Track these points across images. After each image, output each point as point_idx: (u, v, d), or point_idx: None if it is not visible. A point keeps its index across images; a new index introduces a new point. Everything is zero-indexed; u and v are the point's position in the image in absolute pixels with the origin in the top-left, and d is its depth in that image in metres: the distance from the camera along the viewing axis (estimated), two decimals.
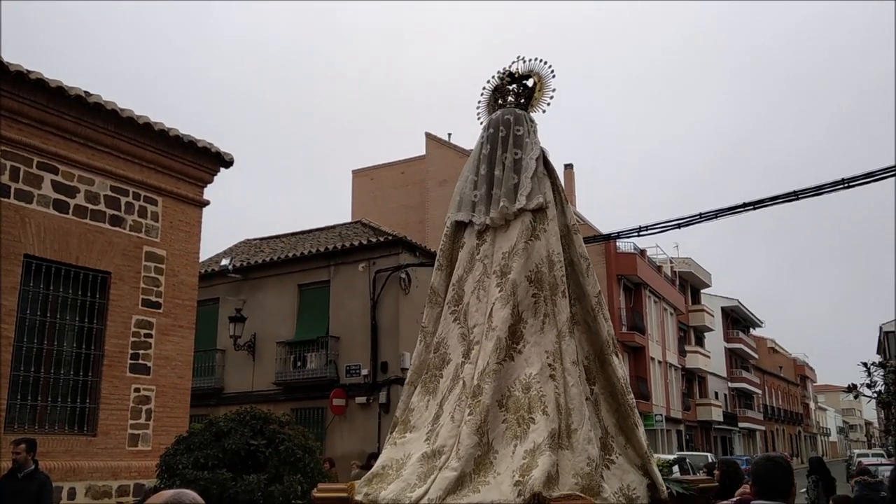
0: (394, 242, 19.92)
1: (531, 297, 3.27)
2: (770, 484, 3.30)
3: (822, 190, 13.76)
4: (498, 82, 3.83)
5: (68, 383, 10.12)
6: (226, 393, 20.24)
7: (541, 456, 2.90)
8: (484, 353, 3.19)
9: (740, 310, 60.88)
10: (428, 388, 3.39)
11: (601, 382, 3.34)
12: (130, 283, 10.87)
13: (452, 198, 3.73)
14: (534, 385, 3.11)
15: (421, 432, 3.27)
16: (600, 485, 2.88)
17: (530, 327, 3.24)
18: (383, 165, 38.17)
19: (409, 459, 3.17)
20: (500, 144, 3.54)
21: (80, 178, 10.34)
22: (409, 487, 3.00)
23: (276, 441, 5.72)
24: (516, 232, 3.40)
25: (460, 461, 2.98)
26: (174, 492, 2.46)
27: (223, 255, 23.61)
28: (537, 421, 3.02)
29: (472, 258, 3.52)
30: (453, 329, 3.43)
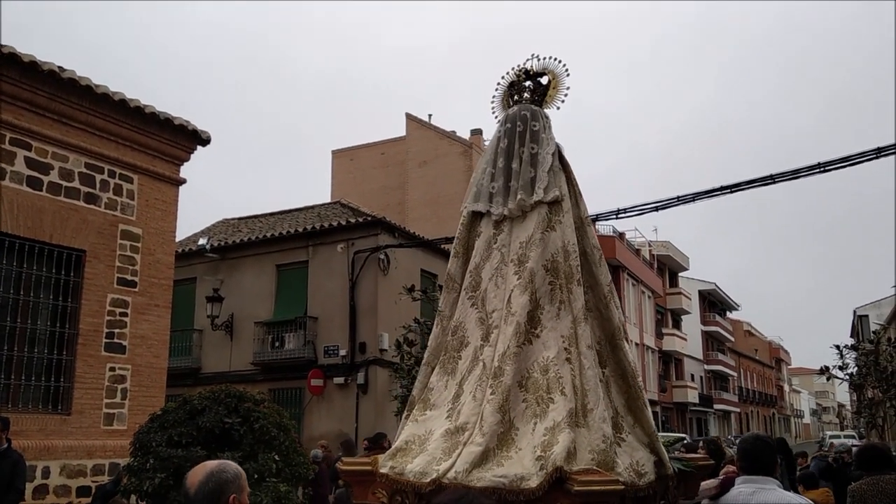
0: (373, 223, 19.88)
1: (548, 284, 3.45)
2: (756, 460, 3.53)
3: (798, 174, 13.88)
4: (513, 78, 4.00)
5: (42, 362, 10.04)
6: (203, 373, 20.16)
7: (560, 433, 3.06)
8: (504, 336, 3.37)
9: (717, 293, 61.45)
10: (447, 369, 3.58)
11: (611, 366, 3.53)
12: (105, 261, 10.77)
13: (468, 188, 3.94)
14: (551, 367, 3.29)
15: (441, 410, 3.46)
16: (614, 460, 3.07)
17: (547, 313, 3.43)
18: (363, 146, 38.01)
19: (431, 435, 3.34)
20: (518, 139, 3.72)
21: (54, 154, 10.21)
22: (434, 461, 3.15)
23: (251, 419, 5.71)
24: (533, 223, 3.57)
25: (485, 437, 3.13)
26: (218, 462, 2.64)
27: (201, 234, 23.45)
28: (556, 401, 3.20)
29: (489, 247, 3.69)
30: (471, 313, 3.61)
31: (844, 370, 26.90)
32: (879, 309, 45.99)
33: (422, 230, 24.74)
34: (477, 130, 38.31)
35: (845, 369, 26.85)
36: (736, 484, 3.61)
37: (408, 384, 14.91)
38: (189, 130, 11.95)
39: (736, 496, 3.53)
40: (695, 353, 54.54)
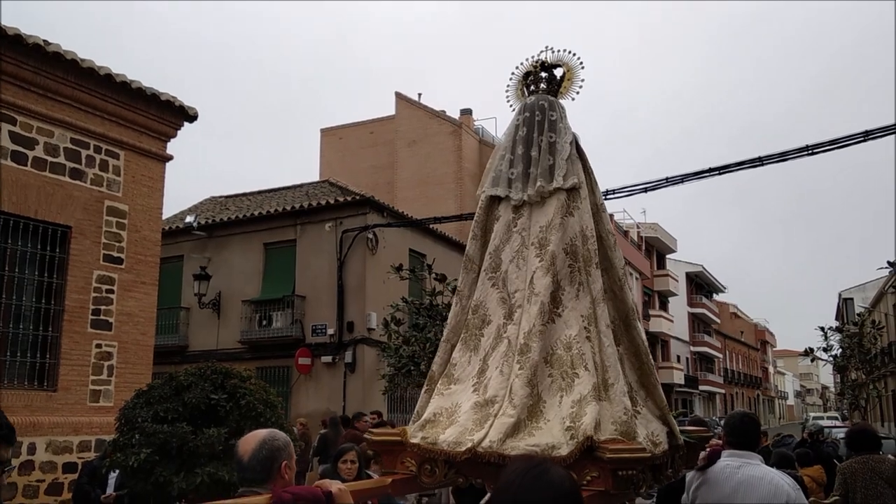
0: (361, 202, 19.82)
1: (567, 267, 3.60)
2: (743, 436, 3.86)
3: (786, 156, 13.92)
4: (528, 69, 4.14)
5: (28, 338, 10.00)
6: (190, 351, 20.14)
7: (587, 405, 3.21)
8: (528, 316, 3.50)
9: (704, 275, 61.76)
10: (469, 346, 3.72)
11: (625, 344, 3.70)
12: (91, 237, 10.70)
13: (485, 174, 4.07)
14: (574, 345, 3.45)
15: (466, 384, 3.59)
16: (635, 431, 3.21)
17: (567, 294, 3.57)
18: (352, 125, 37.82)
19: (459, 408, 3.48)
20: (537, 128, 3.85)
21: (38, 129, 10.11)
22: (467, 431, 3.29)
23: (237, 395, 5.70)
24: (552, 208, 3.69)
25: (516, 409, 3.27)
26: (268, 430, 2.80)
27: (188, 212, 23.33)
28: (581, 376, 3.35)
29: (508, 230, 3.82)
30: (492, 293, 3.75)
31: (829, 352, 27.20)
32: (864, 292, 46.39)
33: (411, 210, 24.71)
34: (467, 110, 38.18)
35: (829, 351, 27.15)
36: (722, 457, 3.82)
37: (395, 363, 14.95)
38: (176, 106, 11.85)
39: (723, 469, 3.76)
40: (681, 334, 54.89)
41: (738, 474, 3.71)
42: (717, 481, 3.76)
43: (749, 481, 3.67)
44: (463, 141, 34.78)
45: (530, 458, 2.32)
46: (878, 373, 33.75)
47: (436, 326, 15.07)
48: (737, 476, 3.71)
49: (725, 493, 3.70)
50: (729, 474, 3.74)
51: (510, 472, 1.95)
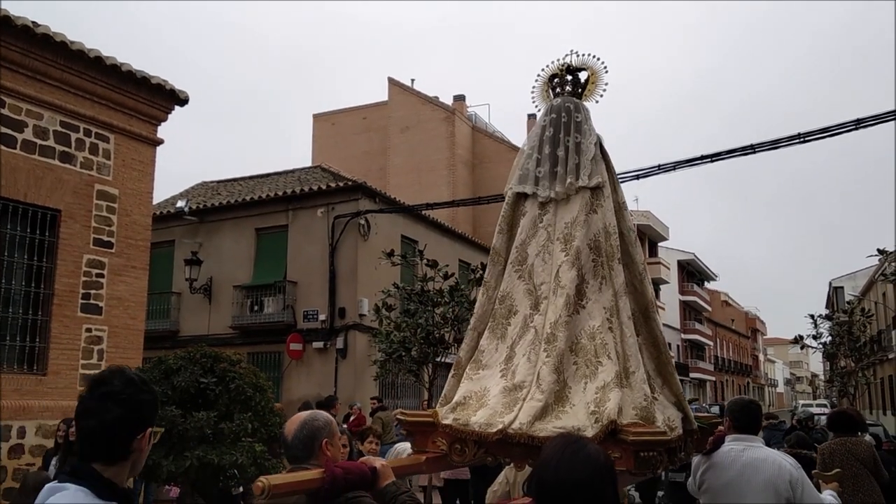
0: (353, 188, 19.77)
1: (591, 261, 3.80)
2: (746, 421, 4.15)
3: (778, 144, 13.94)
4: (553, 71, 4.31)
5: (17, 322, 9.96)
6: (181, 336, 20.10)
7: (611, 392, 3.42)
8: (555, 307, 3.71)
9: (696, 263, 61.95)
10: (496, 334, 3.91)
11: (644, 334, 3.88)
12: (81, 221, 10.65)
13: (512, 171, 4.27)
14: (597, 335, 3.65)
15: (494, 370, 3.80)
16: (654, 416, 3.41)
17: (591, 287, 3.77)
18: (345, 110, 37.69)
19: (488, 392, 3.70)
20: (563, 129, 4.01)
21: (28, 112, 10.03)
22: (497, 414, 3.49)
23: (227, 379, 5.70)
24: (577, 206, 3.91)
25: (543, 394, 3.48)
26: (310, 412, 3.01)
27: (179, 196, 23.23)
28: (604, 364, 3.55)
29: (534, 225, 4.01)
30: (518, 285, 3.94)
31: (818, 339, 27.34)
32: (855, 281, 46.61)
33: (403, 196, 24.66)
34: (460, 96, 38.10)
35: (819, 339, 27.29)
36: (726, 441, 4.10)
37: (386, 348, 14.96)
38: (167, 90, 11.77)
39: (727, 452, 4.03)
40: (672, 322, 55.09)
41: (743, 457, 3.96)
42: (723, 464, 4.00)
43: (754, 463, 3.92)
44: (456, 127, 34.70)
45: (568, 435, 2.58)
46: (867, 361, 33.97)
47: (427, 312, 15.08)
48: (742, 459, 3.96)
49: (731, 475, 3.95)
50: (734, 457, 3.98)
51: (550, 449, 2.24)
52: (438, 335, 15.12)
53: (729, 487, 3.96)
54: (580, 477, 2.10)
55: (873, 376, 37.21)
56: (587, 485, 2.10)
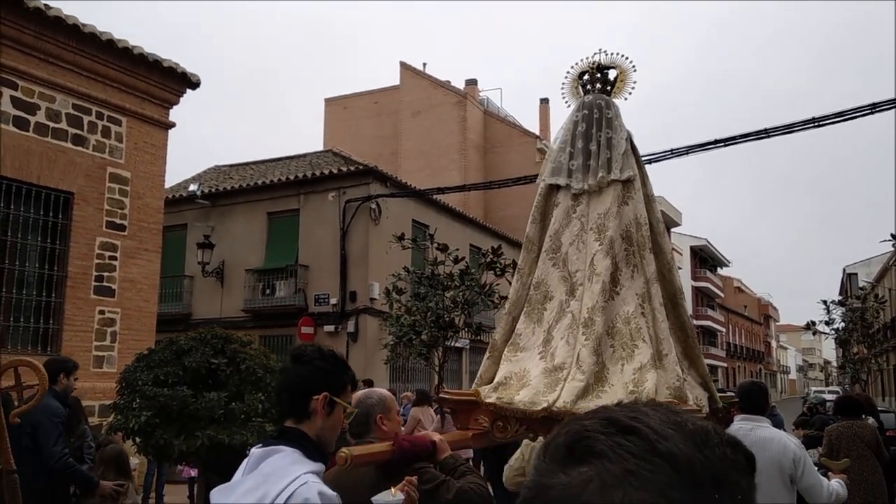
0: (365, 172, 19.77)
1: (624, 251, 4.03)
2: (753, 401, 4.44)
3: (792, 128, 13.85)
4: (583, 69, 4.51)
5: (31, 303, 10.06)
6: (194, 319, 20.20)
7: (647, 373, 3.66)
8: (591, 293, 3.93)
9: (709, 249, 61.67)
10: (532, 318, 4.12)
11: (672, 320, 4.08)
12: (94, 204, 10.72)
13: (545, 164, 4.46)
14: (632, 320, 3.89)
15: (532, 353, 4.00)
16: (686, 395, 3.66)
17: (624, 275, 4.00)
18: (356, 94, 37.61)
19: (528, 374, 3.90)
20: (595, 124, 4.25)
21: (40, 94, 10.08)
22: (540, 393, 3.71)
23: (237, 360, 5.73)
24: (610, 198, 4.12)
25: (584, 374, 3.69)
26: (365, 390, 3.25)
27: (191, 180, 23.31)
28: (640, 347, 3.78)
29: (567, 216, 4.21)
30: (553, 272, 4.15)
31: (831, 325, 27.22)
32: (869, 267, 46.29)
33: (414, 180, 24.65)
34: (472, 80, 37.95)
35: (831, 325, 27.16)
36: (735, 421, 4.34)
37: (396, 331, 15.01)
38: (178, 73, 11.80)
39: (736, 431, 4.18)
40: None
41: (751, 436, 4.19)
42: None
43: (761, 442, 4.15)
44: (468, 111, 34.60)
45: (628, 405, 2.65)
46: (880, 347, 33.80)
47: (437, 296, 15.10)
48: (749, 437, 4.16)
49: None
50: (742, 436, 4.06)
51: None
52: (448, 319, 15.16)
53: None
54: None
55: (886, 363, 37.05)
56: None
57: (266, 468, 2.11)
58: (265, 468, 2.11)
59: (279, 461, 2.12)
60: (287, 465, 2.10)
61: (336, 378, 2.30)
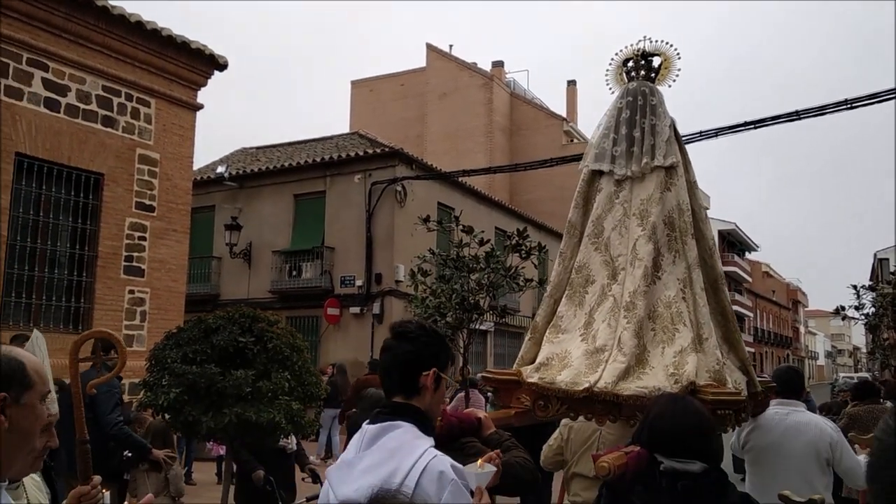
0: (390, 154, 19.79)
1: (666, 236, 4.09)
2: (789, 386, 4.49)
3: (824, 110, 13.62)
4: (627, 56, 4.56)
5: (63, 283, 10.23)
6: (222, 299, 20.43)
7: (688, 356, 3.71)
8: (633, 278, 3.99)
9: (737, 233, 61.06)
10: (574, 301, 4.20)
11: (712, 305, 4.15)
12: (124, 185, 10.85)
13: (588, 150, 4.51)
14: (673, 304, 3.95)
15: (573, 335, 4.08)
16: (725, 378, 3.69)
17: (666, 260, 4.06)
18: (382, 76, 37.60)
19: (570, 355, 3.97)
20: (639, 111, 4.32)
21: (71, 76, 10.19)
22: (581, 374, 3.77)
23: (265, 339, 5.78)
24: (652, 184, 4.18)
25: (626, 356, 3.75)
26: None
27: (219, 162, 23.49)
28: (680, 330, 3.84)
29: (610, 201, 4.27)
30: (595, 256, 4.22)
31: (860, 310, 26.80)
32: None
33: (440, 163, 24.63)
34: (498, 62, 37.77)
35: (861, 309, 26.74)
36: (771, 405, 4.39)
37: (421, 313, 15.05)
38: (206, 55, 11.87)
39: (772, 415, 4.34)
40: None
41: (787, 420, 4.28)
42: (768, 426, 4.31)
43: (797, 426, 4.24)
44: (494, 94, 34.45)
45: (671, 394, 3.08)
46: None
47: (462, 278, 15.12)
48: (786, 422, 4.28)
49: (776, 436, 4.25)
50: (779, 420, 4.30)
51: (662, 405, 2.72)
52: (473, 301, 15.18)
53: (773, 447, 4.23)
54: (691, 424, 2.57)
55: None
56: (697, 432, 2.56)
57: (390, 443, 2.15)
58: (388, 443, 2.15)
59: (402, 436, 2.16)
60: (411, 440, 2.15)
61: (442, 354, 2.36)
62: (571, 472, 4.70)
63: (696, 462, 2.49)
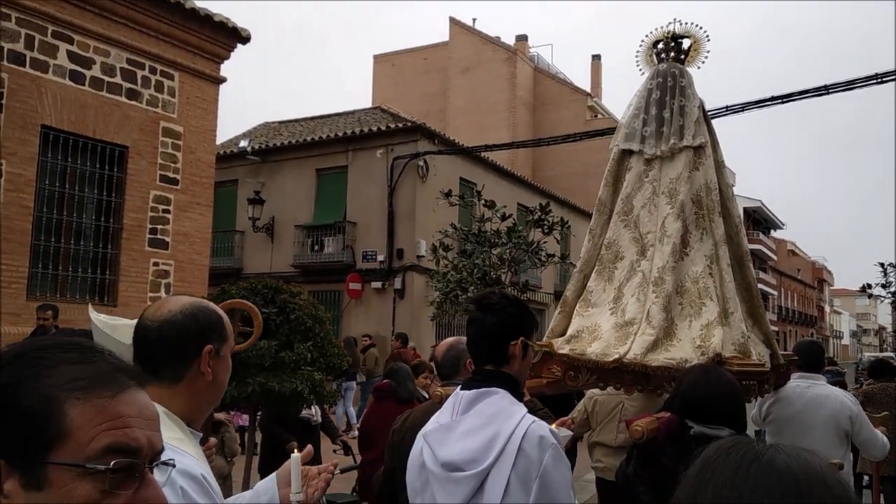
0: (412, 129, 19.73)
1: (693, 214, 4.24)
2: (811, 360, 4.60)
3: (853, 84, 13.39)
4: (657, 38, 4.68)
5: (88, 254, 10.34)
6: (245, 273, 20.57)
7: (714, 329, 3.85)
8: (661, 254, 4.15)
9: (762, 211, 60.41)
10: (603, 276, 4.36)
11: (738, 280, 4.28)
12: (148, 158, 10.91)
13: (618, 129, 4.66)
14: (700, 279, 4.10)
15: (603, 308, 4.24)
16: (750, 350, 3.83)
17: (694, 237, 4.21)
18: (405, 51, 37.41)
19: (599, 328, 4.13)
20: (669, 92, 4.45)
21: (95, 48, 10.23)
22: (611, 346, 3.93)
23: (287, 310, 5.83)
24: (681, 163, 4.32)
25: (654, 329, 3.90)
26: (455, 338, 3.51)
27: (242, 137, 23.56)
28: (707, 305, 3.99)
29: (640, 180, 4.41)
30: (624, 233, 4.37)
31: (887, 288, 26.55)
32: None
33: (462, 138, 24.53)
34: (522, 36, 37.42)
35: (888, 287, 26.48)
36: (792, 379, 4.50)
37: (443, 287, 15.09)
38: (229, 28, 11.85)
39: (794, 388, 4.45)
40: None
41: (808, 393, 4.39)
42: (789, 399, 4.41)
43: (818, 399, 4.34)
44: (517, 68, 34.18)
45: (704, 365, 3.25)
46: None
47: (483, 253, 15.11)
48: (807, 394, 4.38)
49: (797, 408, 4.36)
50: (800, 393, 4.41)
51: (694, 375, 2.89)
52: (495, 276, 15.18)
53: (794, 419, 4.34)
54: (723, 393, 2.74)
55: None
56: (728, 400, 2.74)
57: (487, 409, 2.20)
58: (486, 409, 2.20)
59: (499, 402, 2.21)
60: (508, 406, 2.21)
61: (526, 322, 2.40)
62: (594, 441, 5.01)
63: (724, 428, 2.66)
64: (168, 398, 1.67)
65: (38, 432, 0.91)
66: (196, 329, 1.74)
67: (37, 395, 0.92)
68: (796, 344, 5.10)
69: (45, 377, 0.93)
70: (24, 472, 0.90)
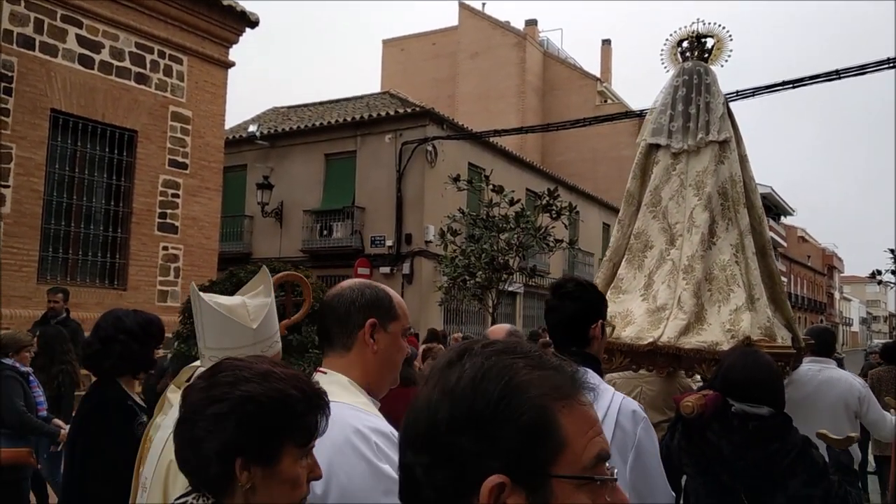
0: (421, 114, 19.68)
1: (720, 205, 4.46)
2: (822, 344, 4.84)
3: (865, 69, 13.28)
4: (682, 37, 4.87)
5: (98, 238, 10.40)
6: (254, 258, 20.64)
7: (742, 314, 4.06)
8: (690, 243, 4.37)
9: (773, 197, 60.06)
10: (633, 265, 4.58)
11: (761, 268, 4.49)
12: (157, 142, 10.94)
13: (645, 125, 4.89)
14: (727, 267, 4.31)
15: (633, 295, 4.45)
16: (775, 334, 4.07)
17: (720, 227, 4.43)
18: (414, 36, 37.26)
19: (631, 313, 4.33)
20: (695, 89, 4.68)
21: (104, 33, 10.24)
22: (644, 330, 4.13)
23: (295, 293, 5.86)
24: (707, 157, 4.53)
25: (686, 314, 4.12)
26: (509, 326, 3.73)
27: (250, 121, 23.57)
28: (735, 291, 4.20)
29: (667, 173, 4.63)
30: (653, 224, 4.58)
31: None
32: None
33: (471, 123, 24.47)
34: (532, 21, 37.23)
35: None
36: (804, 362, 4.69)
37: (450, 272, 15.11)
38: (237, 12, 11.85)
39: (806, 371, 4.68)
40: None
41: (820, 376, 4.64)
42: (802, 381, 4.60)
43: (829, 381, 4.60)
44: (527, 53, 34.02)
45: (742, 348, 3.39)
46: None
47: (491, 238, 15.11)
48: (819, 377, 4.63)
49: (809, 391, 4.56)
50: (812, 376, 4.64)
51: (734, 357, 3.06)
52: (503, 261, 15.19)
53: (807, 400, 4.49)
54: (762, 375, 2.91)
55: None
56: (767, 380, 2.91)
57: None
58: None
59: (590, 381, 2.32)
60: (598, 384, 2.34)
61: (602, 305, 2.62)
62: None
63: (763, 406, 2.84)
64: (346, 367, 1.85)
65: (540, 445, 0.88)
66: (361, 303, 1.90)
67: (531, 406, 0.90)
68: (811, 328, 5.34)
69: (529, 386, 0.91)
70: (531, 488, 0.87)
